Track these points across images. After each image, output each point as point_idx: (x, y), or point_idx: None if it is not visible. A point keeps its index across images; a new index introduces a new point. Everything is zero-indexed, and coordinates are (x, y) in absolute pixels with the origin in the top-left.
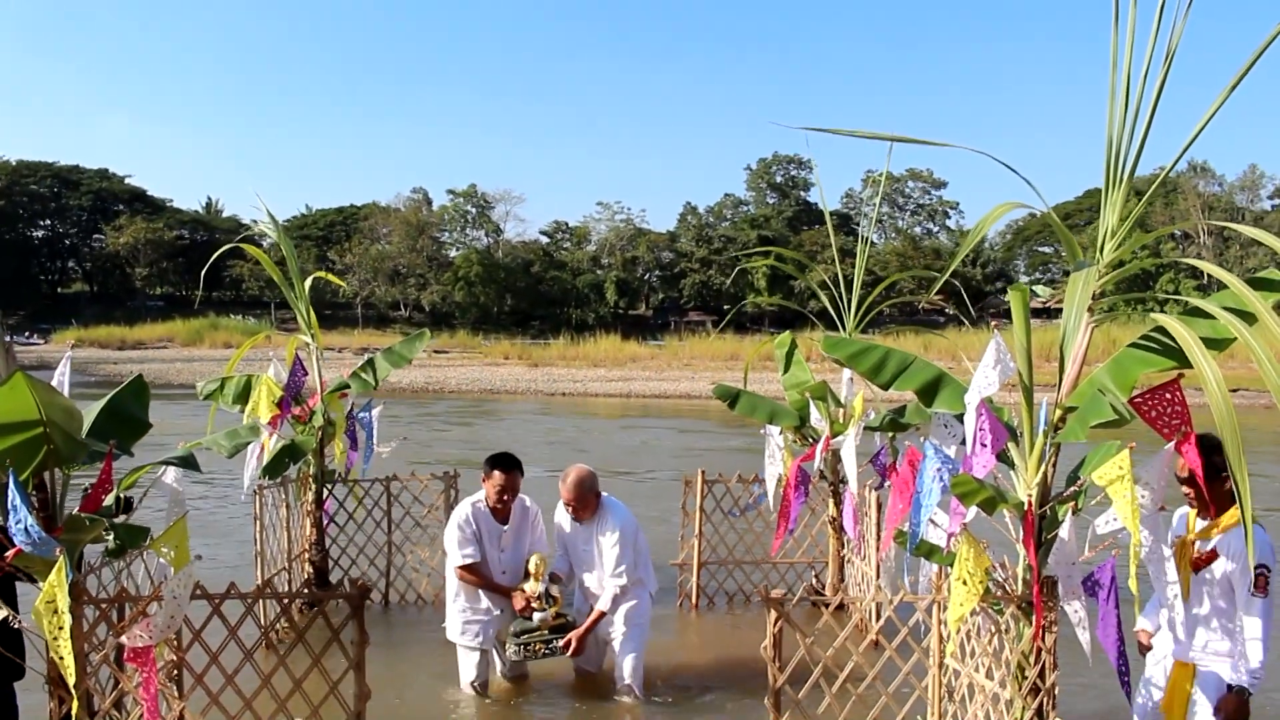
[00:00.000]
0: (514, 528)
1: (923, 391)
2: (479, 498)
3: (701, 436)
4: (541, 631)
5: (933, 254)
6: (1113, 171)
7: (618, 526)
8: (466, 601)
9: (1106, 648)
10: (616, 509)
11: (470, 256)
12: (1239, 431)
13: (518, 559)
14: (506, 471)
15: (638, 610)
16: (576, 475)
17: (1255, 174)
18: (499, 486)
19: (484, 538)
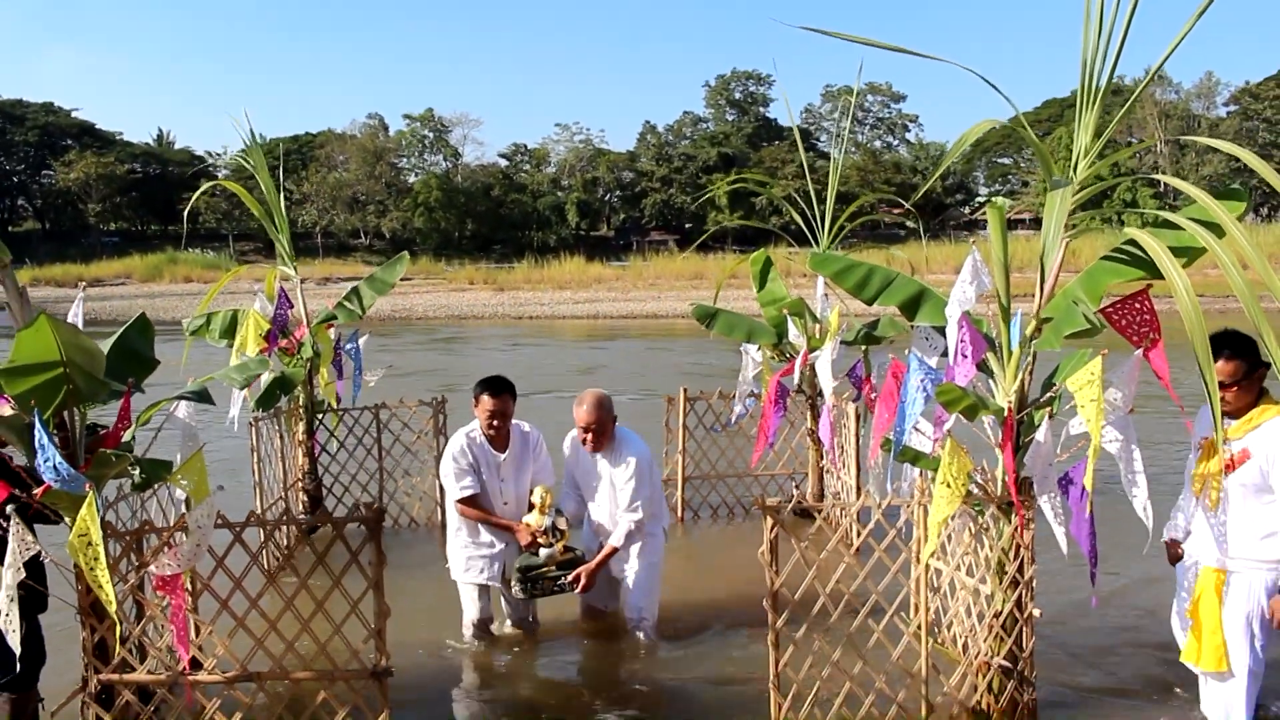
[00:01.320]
0: (514, 455)
1: (905, 306)
2: (473, 427)
3: (670, 354)
4: (549, 568)
5: (893, 167)
6: (1087, 91)
7: (634, 457)
8: (468, 536)
9: (1080, 540)
10: (631, 439)
11: (429, 182)
12: (1206, 334)
13: (520, 489)
14: (496, 395)
15: (651, 547)
16: (594, 398)
17: (1211, 81)
18: (489, 411)
19: (482, 468)
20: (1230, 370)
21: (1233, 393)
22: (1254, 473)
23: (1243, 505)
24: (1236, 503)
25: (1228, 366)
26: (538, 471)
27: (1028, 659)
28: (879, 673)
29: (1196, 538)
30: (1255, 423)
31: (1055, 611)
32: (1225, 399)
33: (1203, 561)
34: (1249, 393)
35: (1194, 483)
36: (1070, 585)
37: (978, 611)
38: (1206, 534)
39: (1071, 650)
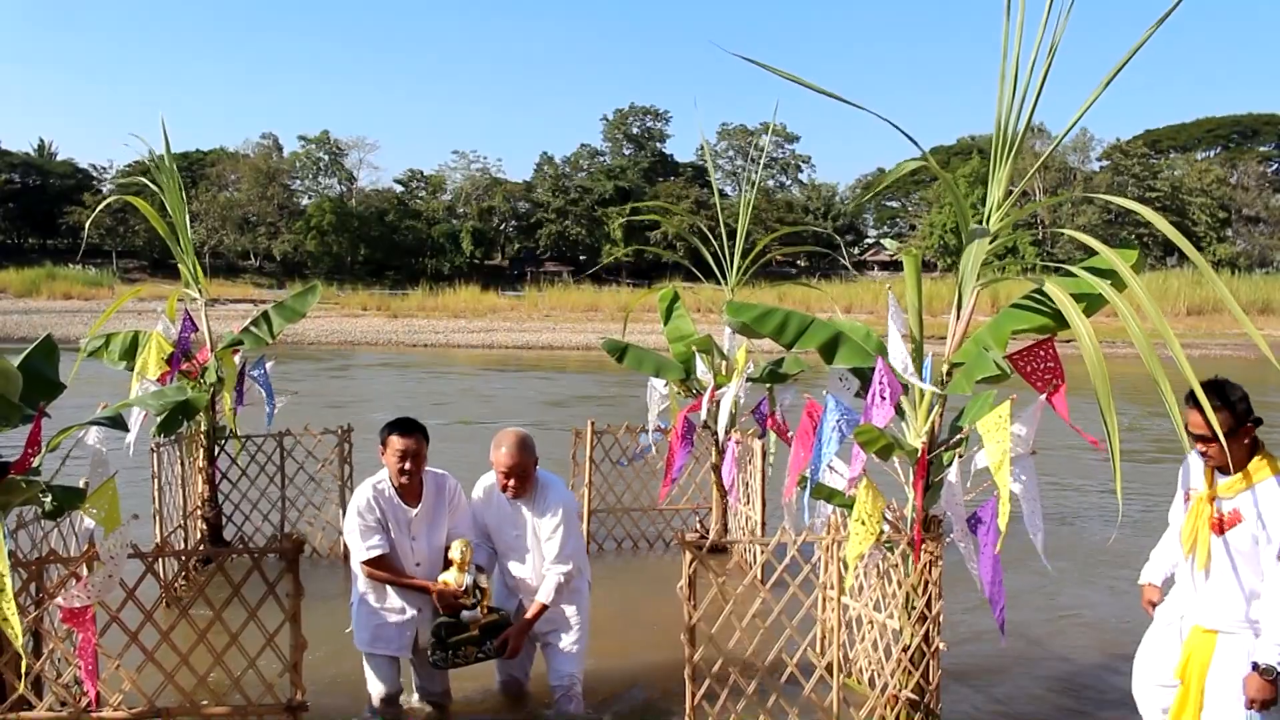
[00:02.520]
0: (427, 509)
1: (823, 349)
2: (380, 478)
3: (564, 386)
4: (472, 633)
5: (785, 206)
6: (1001, 150)
7: (559, 504)
8: (375, 601)
9: (983, 579)
10: (555, 484)
11: (323, 205)
12: (1109, 380)
13: (435, 546)
14: (406, 434)
15: (580, 603)
16: (516, 439)
17: (1085, 137)
18: (400, 453)
19: (390, 525)
20: (1217, 422)
21: (1214, 447)
22: (1245, 539)
23: (1234, 567)
24: (1227, 564)
25: (1216, 417)
26: (455, 524)
27: (934, 691)
28: (793, 706)
29: (1185, 594)
30: (1249, 483)
31: (958, 644)
32: (1209, 453)
33: (1192, 620)
34: (1236, 448)
35: (1183, 538)
36: (974, 619)
37: (884, 646)
38: (1196, 593)
39: (973, 682)
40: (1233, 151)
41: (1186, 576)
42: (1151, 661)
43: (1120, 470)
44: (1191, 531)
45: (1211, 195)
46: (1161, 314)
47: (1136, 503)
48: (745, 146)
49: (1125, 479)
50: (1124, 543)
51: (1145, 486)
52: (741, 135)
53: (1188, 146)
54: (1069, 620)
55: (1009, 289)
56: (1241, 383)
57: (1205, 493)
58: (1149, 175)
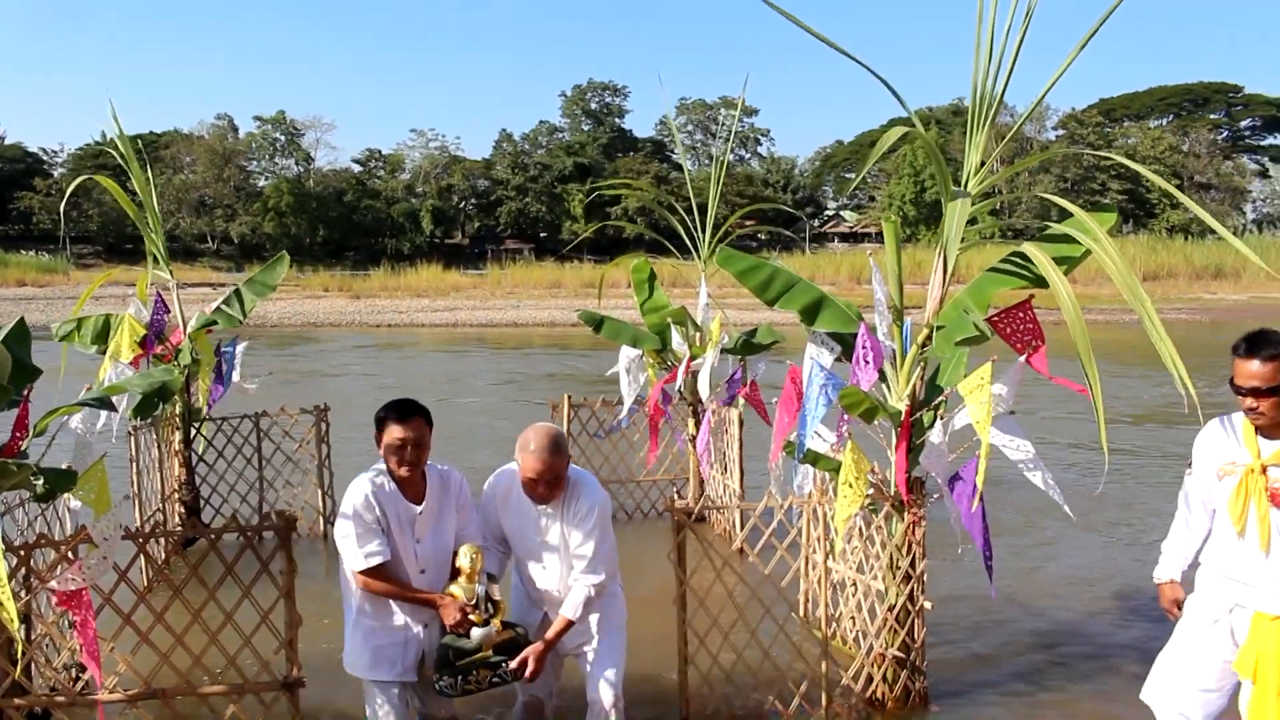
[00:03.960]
0: (432, 507)
1: (805, 311)
2: (379, 471)
3: (532, 362)
4: (485, 654)
5: (745, 180)
6: (977, 117)
7: (593, 506)
8: (374, 618)
9: (973, 534)
10: (587, 482)
11: (280, 186)
12: (1088, 336)
13: (441, 550)
14: (404, 420)
15: (614, 614)
16: (549, 439)
17: (1042, 106)
18: (400, 443)
19: (392, 525)
20: (1265, 374)
21: (1269, 402)
22: None
23: None
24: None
25: (1262, 369)
26: (462, 526)
27: (919, 649)
28: (782, 666)
29: (1235, 581)
30: None
31: (941, 603)
32: (1260, 409)
33: (1253, 607)
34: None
35: (1233, 516)
36: (954, 579)
37: (869, 606)
38: (1255, 577)
39: (957, 639)
40: (1184, 120)
41: (1237, 560)
42: (1194, 666)
43: (1105, 424)
44: (1243, 508)
45: (1164, 163)
46: (1134, 274)
47: None
48: (704, 121)
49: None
50: (1102, 500)
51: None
52: (700, 109)
53: (1141, 115)
54: (1049, 577)
55: (968, 257)
56: (1194, 346)
57: (1255, 463)
58: (1104, 144)
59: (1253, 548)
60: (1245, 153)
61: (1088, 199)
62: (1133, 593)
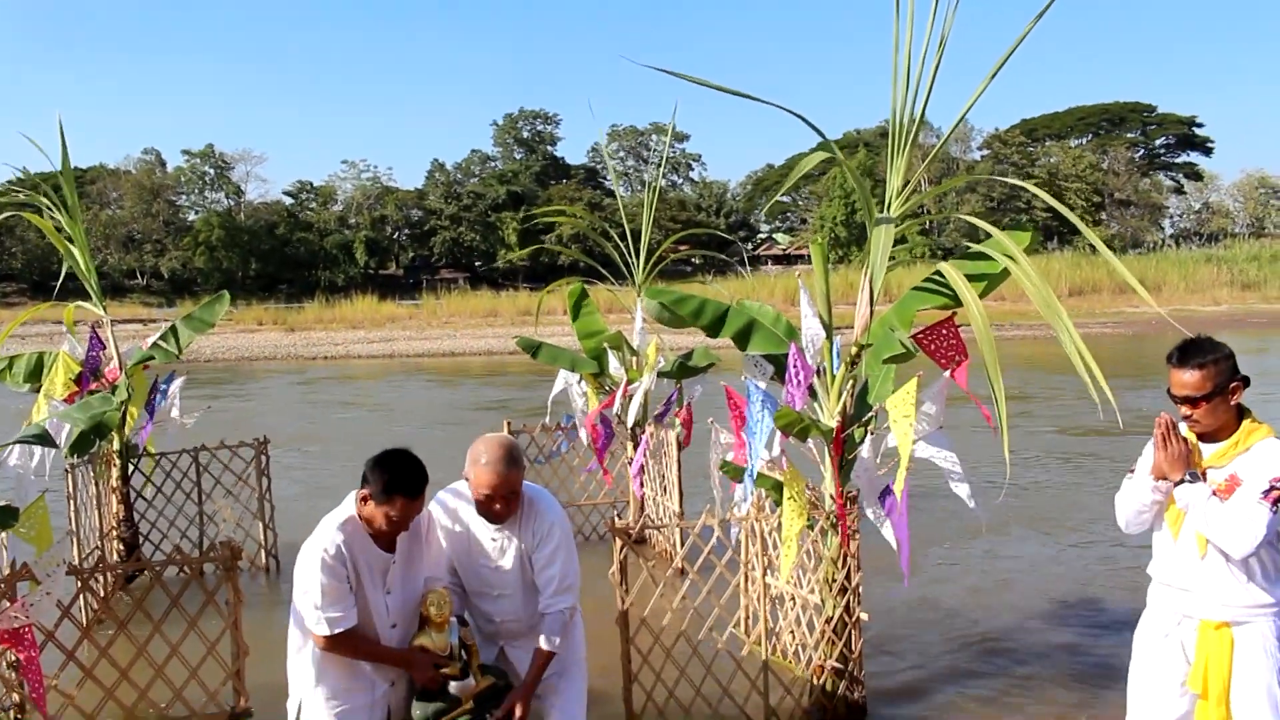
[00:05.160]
0: (404, 553)
1: (738, 336)
2: (346, 518)
3: (470, 391)
4: (465, 708)
5: (678, 205)
6: (897, 143)
7: (554, 523)
8: (337, 680)
9: (901, 542)
10: (544, 498)
11: (210, 220)
12: (996, 350)
13: (411, 599)
14: (412, 499)
15: (575, 646)
16: (503, 450)
17: (966, 127)
18: (400, 519)
19: (363, 577)
20: (1196, 382)
21: (1202, 409)
22: None
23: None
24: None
25: (1194, 378)
26: (431, 569)
27: (857, 660)
28: (724, 682)
29: (1180, 589)
30: (1243, 445)
31: (876, 614)
32: (1195, 417)
33: (1199, 615)
34: (1223, 410)
35: (1171, 525)
36: (889, 591)
37: (808, 620)
38: (1197, 584)
39: (893, 649)
40: (1103, 138)
41: (1177, 568)
42: (1154, 681)
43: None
44: (1179, 513)
45: (1086, 180)
46: (1051, 291)
47: (1045, 468)
48: (636, 147)
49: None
50: (1032, 508)
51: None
52: (631, 136)
53: (1062, 134)
54: (987, 585)
55: (899, 277)
56: (1116, 358)
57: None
58: (1027, 163)
59: (1190, 553)
60: (1161, 170)
61: (1013, 216)
62: (1072, 599)
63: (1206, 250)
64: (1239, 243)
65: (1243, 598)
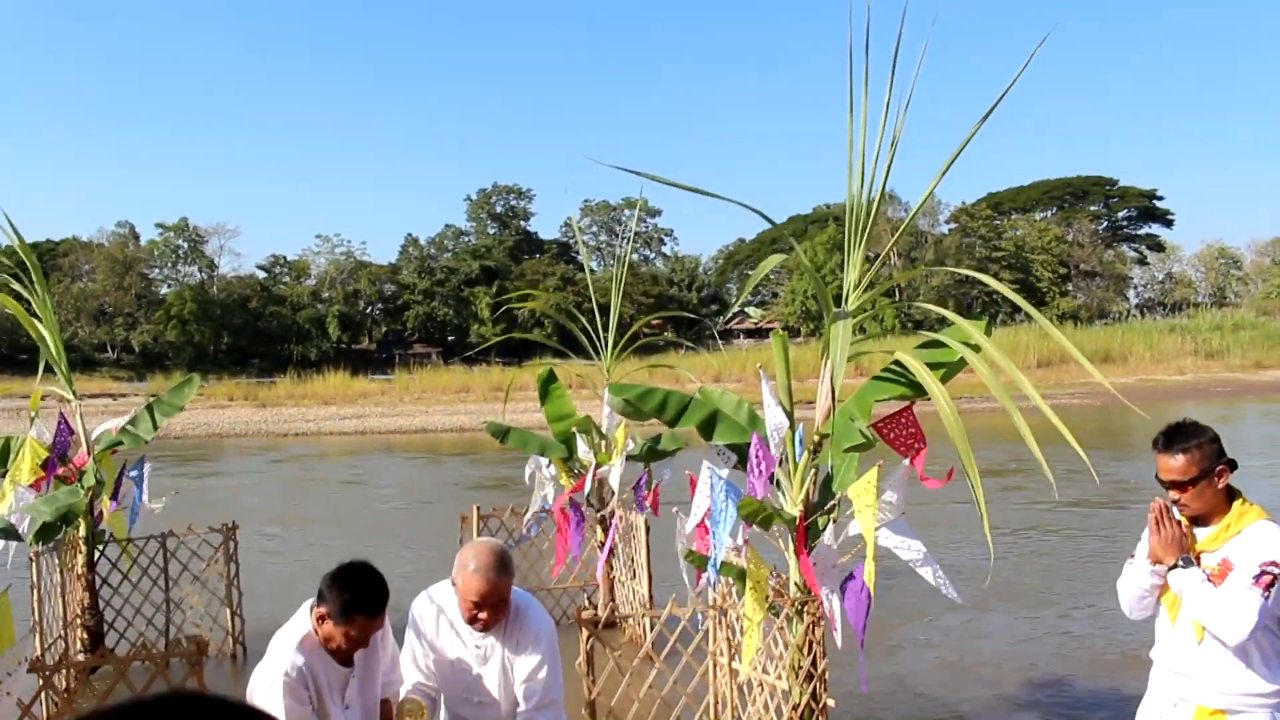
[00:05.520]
0: (361, 664)
1: (702, 427)
2: (304, 633)
3: (442, 469)
4: None
5: (650, 279)
6: (852, 238)
7: (540, 633)
8: None
9: (858, 630)
10: (532, 606)
11: (183, 293)
12: (966, 436)
13: (369, 708)
14: (374, 617)
15: None
16: (493, 558)
17: (933, 201)
18: (360, 637)
19: (323, 694)
20: (1182, 467)
21: (1190, 493)
22: None
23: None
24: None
25: (1179, 462)
26: (387, 669)
27: None
28: None
29: (1179, 673)
30: (1235, 529)
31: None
32: (1182, 501)
33: (1194, 701)
34: (1210, 493)
35: (1169, 610)
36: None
37: (775, 706)
38: (1194, 669)
39: None
40: (1067, 211)
41: (1174, 652)
42: None
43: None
44: (1175, 598)
45: (1051, 253)
46: (1016, 368)
47: (1025, 539)
48: (608, 221)
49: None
50: (1009, 585)
51: (1028, 525)
52: (604, 211)
53: (1027, 207)
54: (958, 664)
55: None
56: (1087, 427)
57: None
58: (994, 236)
59: (1187, 638)
60: (1125, 241)
61: (982, 289)
62: (1045, 679)
63: (1170, 320)
64: (1202, 312)
65: (1240, 685)
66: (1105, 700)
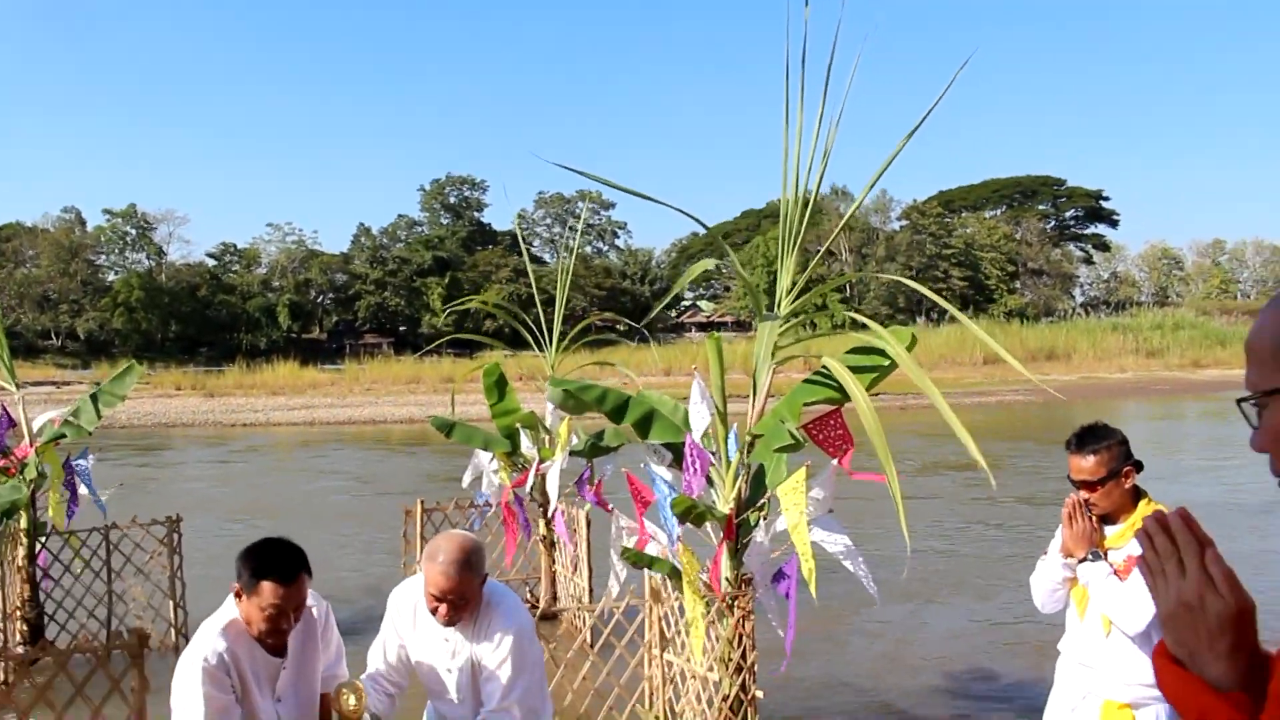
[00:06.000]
0: (295, 655)
1: (638, 425)
2: (229, 620)
3: (390, 461)
4: None
5: (603, 272)
6: (786, 242)
7: (509, 629)
8: None
9: (790, 622)
10: (506, 601)
11: (131, 280)
12: (884, 435)
13: (305, 704)
14: (287, 582)
15: None
16: (458, 552)
17: (885, 199)
18: (275, 609)
19: (249, 686)
20: (1092, 467)
21: (1098, 492)
22: None
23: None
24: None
25: (1089, 463)
26: (329, 662)
27: None
28: None
29: (1085, 667)
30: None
31: (773, 692)
32: (1091, 500)
33: (1101, 695)
34: (1118, 493)
35: (1078, 604)
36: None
37: (707, 698)
38: (1101, 662)
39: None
40: (1016, 210)
41: (1083, 646)
42: None
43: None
44: (1084, 591)
45: (1000, 251)
46: (926, 377)
47: (950, 536)
48: (562, 214)
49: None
50: (931, 580)
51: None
52: (558, 203)
53: (977, 206)
54: (895, 655)
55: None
56: (1030, 423)
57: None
58: (945, 233)
59: (1095, 631)
60: (1071, 241)
61: (932, 285)
62: (978, 671)
63: (1114, 319)
64: (1144, 312)
65: (1144, 678)
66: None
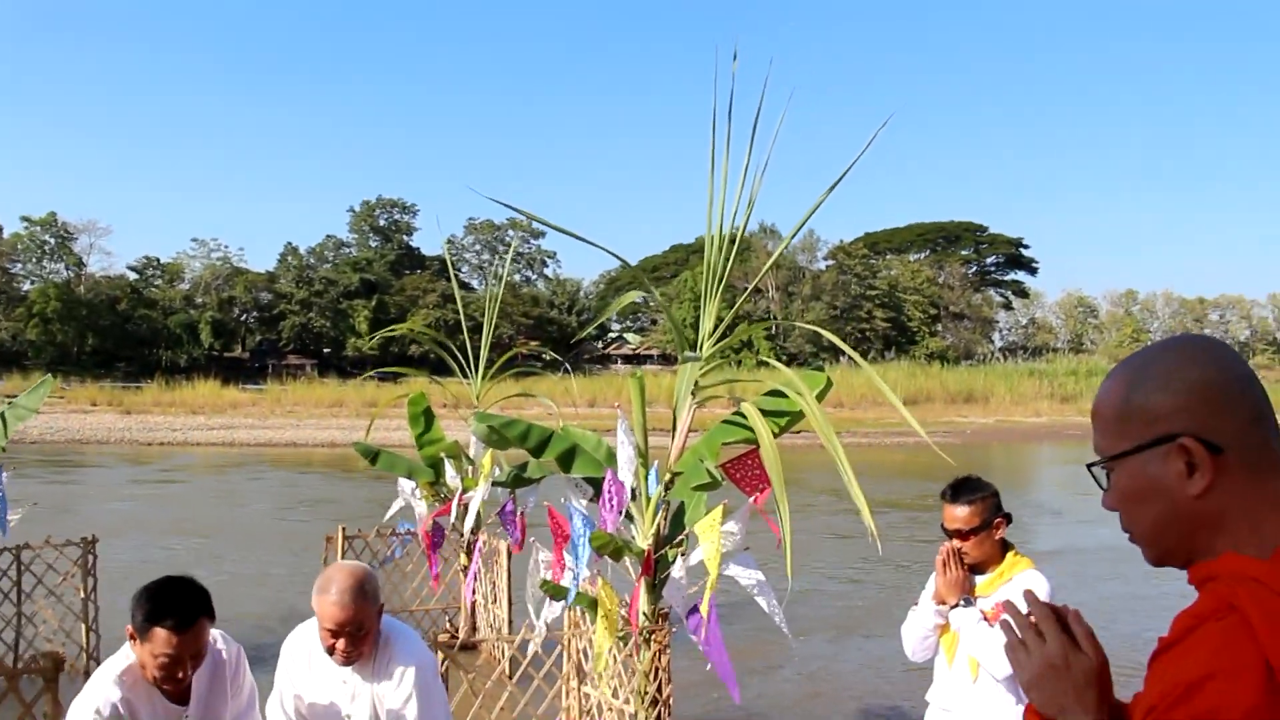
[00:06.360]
0: (199, 702)
1: (561, 459)
2: (125, 665)
3: (310, 487)
4: None
5: (531, 301)
6: (710, 286)
7: (410, 663)
8: None
9: (714, 659)
10: (405, 637)
11: (48, 291)
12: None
13: None
14: (182, 630)
15: None
16: (352, 581)
17: (813, 238)
18: (170, 658)
19: None
20: (966, 517)
21: (971, 542)
22: None
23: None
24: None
25: (964, 513)
26: (240, 711)
27: None
28: None
29: (949, 708)
30: (1007, 576)
31: None
32: (963, 549)
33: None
34: (989, 544)
35: (947, 650)
36: (704, 700)
37: None
38: (965, 706)
39: None
40: (939, 254)
41: (948, 691)
42: None
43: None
44: (954, 638)
45: (923, 293)
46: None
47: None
48: (492, 241)
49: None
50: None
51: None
52: (488, 230)
53: (902, 249)
54: (807, 694)
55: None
56: (947, 464)
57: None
58: (869, 274)
59: (963, 677)
60: (992, 286)
61: (855, 325)
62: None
63: (1030, 364)
64: (1060, 357)
65: None
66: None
